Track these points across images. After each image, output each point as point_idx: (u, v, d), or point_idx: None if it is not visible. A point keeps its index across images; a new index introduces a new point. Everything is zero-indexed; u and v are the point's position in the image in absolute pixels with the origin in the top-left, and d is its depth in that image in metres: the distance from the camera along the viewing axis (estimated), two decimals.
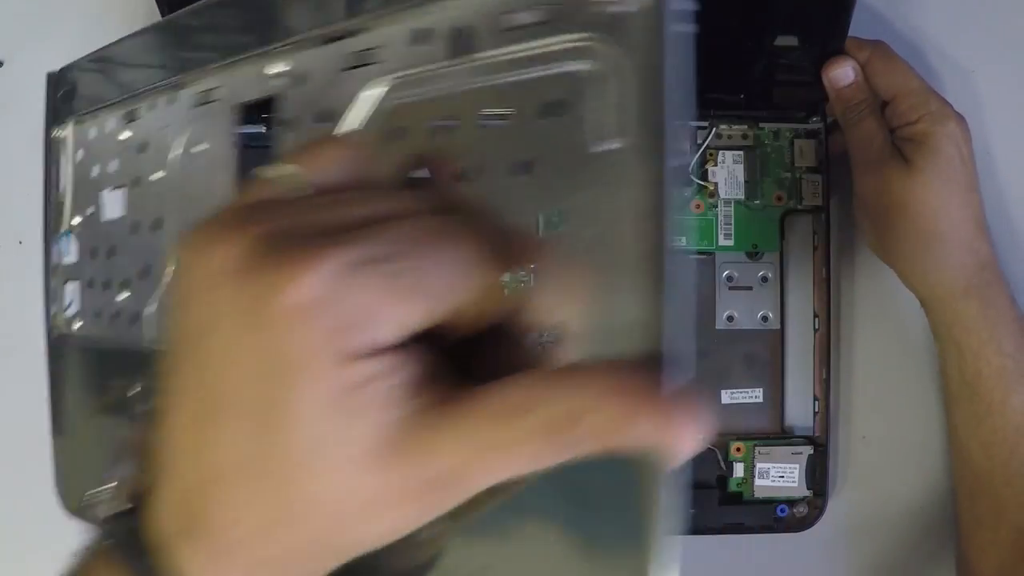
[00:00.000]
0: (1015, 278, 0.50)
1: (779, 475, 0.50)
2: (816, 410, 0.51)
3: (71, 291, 0.43)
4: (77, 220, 0.42)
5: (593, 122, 0.22)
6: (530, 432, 0.20)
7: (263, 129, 0.52)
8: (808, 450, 0.50)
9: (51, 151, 0.44)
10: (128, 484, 0.24)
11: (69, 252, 0.43)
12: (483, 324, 0.22)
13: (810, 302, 0.51)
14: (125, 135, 0.39)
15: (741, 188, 0.51)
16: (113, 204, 0.39)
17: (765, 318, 0.51)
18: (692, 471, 0.51)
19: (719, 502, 0.50)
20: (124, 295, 0.38)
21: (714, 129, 0.51)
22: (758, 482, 0.50)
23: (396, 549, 0.21)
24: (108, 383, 0.40)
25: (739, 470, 0.51)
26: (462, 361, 0.22)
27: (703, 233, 0.51)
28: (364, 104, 0.27)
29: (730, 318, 0.51)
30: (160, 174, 0.36)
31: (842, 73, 0.47)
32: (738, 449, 0.51)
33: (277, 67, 0.31)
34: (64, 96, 0.43)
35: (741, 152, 0.51)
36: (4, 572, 0.55)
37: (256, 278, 0.19)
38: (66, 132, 0.43)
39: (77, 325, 0.42)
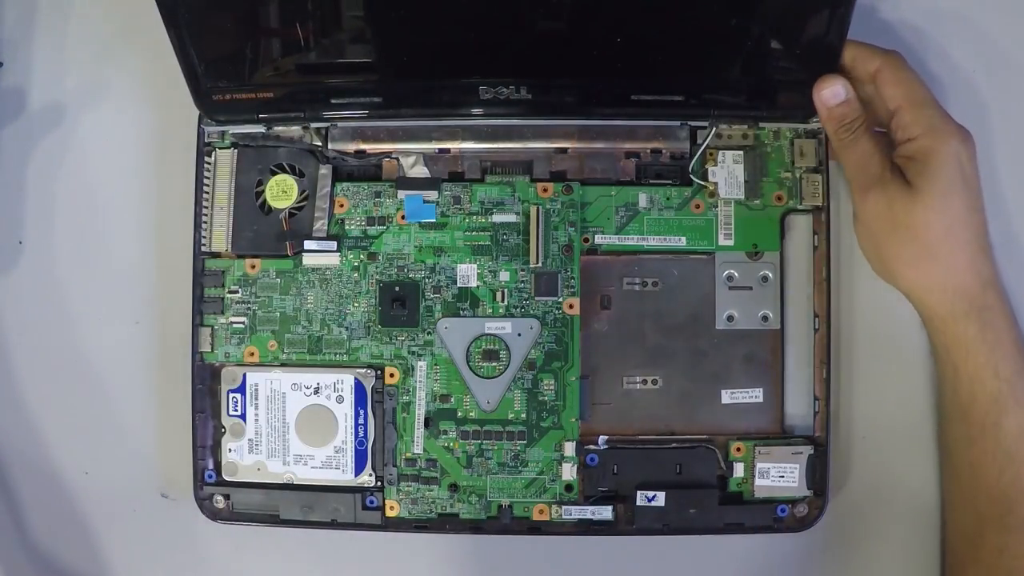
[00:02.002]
0: (1018, 293, 0.50)
1: (779, 475, 0.50)
2: (816, 410, 0.51)
3: None
4: None
5: None
6: None
7: (263, 129, 0.52)
8: (808, 450, 0.50)
9: None
10: None
11: None
12: None
13: (810, 302, 0.51)
14: None
15: (741, 188, 0.51)
16: None
17: (765, 318, 0.51)
18: (692, 471, 0.51)
19: (719, 502, 0.50)
20: None
21: (714, 129, 0.51)
22: (758, 482, 0.50)
23: None
24: None
25: (739, 470, 0.51)
26: None
27: (703, 233, 0.52)
28: None
29: (730, 318, 0.51)
30: None
31: (831, 92, 0.47)
32: (738, 449, 0.51)
33: None
34: None
35: (741, 152, 0.51)
36: None
37: None
38: None
39: None
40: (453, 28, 0.47)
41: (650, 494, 0.50)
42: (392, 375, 0.51)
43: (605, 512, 0.50)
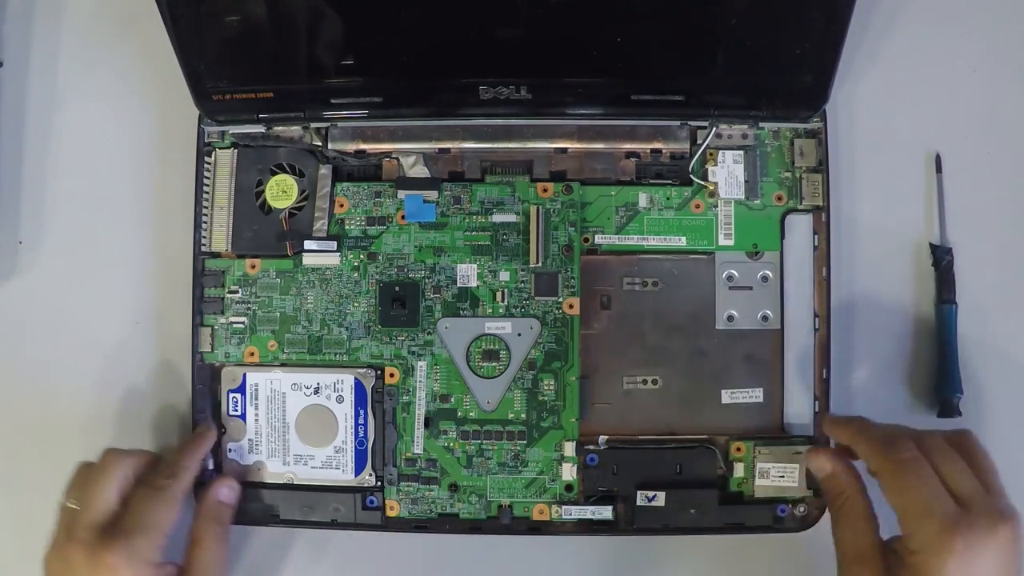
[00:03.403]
0: None
1: (779, 475, 0.50)
2: (816, 410, 0.51)
3: None
4: None
5: None
6: None
7: (263, 129, 0.52)
8: (808, 450, 0.50)
9: None
10: None
11: None
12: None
13: (810, 302, 0.51)
14: None
15: (741, 188, 0.51)
16: None
17: (765, 318, 0.51)
18: (692, 471, 0.51)
19: (719, 502, 0.50)
20: None
21: (714, 129, 0.51)
22: (758, 482, 0.50)
23: None
24: None
25: (739, 470, 0.51)
26: None
27: (703, 233, 0.52)
28: None
29: (730, 318, 0.51)
30: None
31: (816, 466, 0.47)
32: (738, 449, 0.51)
33: None
34: None
35: (741, 152, 0.51)
36: None
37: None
38: None
39: None
40: (453, 28, 0.47)
41: (650, 494, 0.50)
42: (392, 375, 0.51)
43: (605, 512, 0.50)
